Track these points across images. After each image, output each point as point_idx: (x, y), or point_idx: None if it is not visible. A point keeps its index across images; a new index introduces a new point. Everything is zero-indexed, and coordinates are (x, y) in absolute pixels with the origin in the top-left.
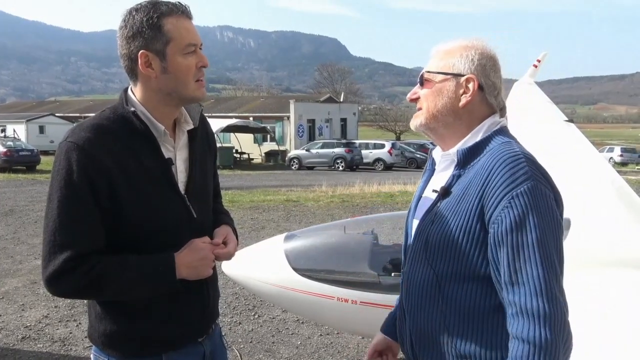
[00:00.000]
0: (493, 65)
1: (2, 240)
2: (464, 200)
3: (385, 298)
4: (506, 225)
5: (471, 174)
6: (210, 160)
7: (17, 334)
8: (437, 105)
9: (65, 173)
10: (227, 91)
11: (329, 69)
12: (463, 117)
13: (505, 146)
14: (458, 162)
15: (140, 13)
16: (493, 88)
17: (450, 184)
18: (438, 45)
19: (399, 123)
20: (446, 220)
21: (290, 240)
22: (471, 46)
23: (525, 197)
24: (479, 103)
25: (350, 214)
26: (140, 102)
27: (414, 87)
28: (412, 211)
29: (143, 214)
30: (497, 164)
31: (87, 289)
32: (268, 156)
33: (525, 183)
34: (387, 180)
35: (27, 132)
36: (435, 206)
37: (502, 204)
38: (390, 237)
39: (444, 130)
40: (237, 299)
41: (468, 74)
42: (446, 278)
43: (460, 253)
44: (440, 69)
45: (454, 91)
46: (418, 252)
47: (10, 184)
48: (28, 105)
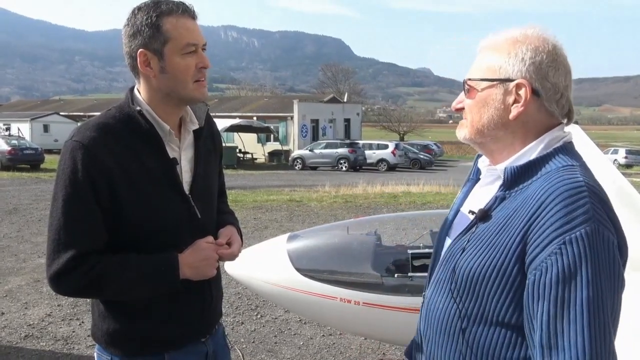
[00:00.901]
0: (552, 62)
1: (6, 238)
2: (504, 232)
3: (388, 299)
4: (552, 276)
5: (518, 201)
6: (216, 160)
7: (20, 332)
8: (483, 118)
9: (69, 172)
10: (231, 91)
11: (333, 69)
12: (516, 130)
13: (566, 172)
14: (504, 182)
15: (142, 12)
16: (553, 91)
17: (491, 207)
18: (484, 40)
19: (403, 123)
20: (479, 252)
21: (293, 240)
22: (522, 40)
23: (581, 243)
24: (535, 112)
25: (354, 215)
26: (145, 101)
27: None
28: (447, 227)
29: (143, 214)
30: (551, 195)
31: (87, 288)
32: (271, 156)
33: (584, 226)
34: (391, 180)
35: (32, 130)
36: (469, 231)
37: (551, 248)
38: (394, 238)
39: (493, 145)
40: (240, 299)
41: (518, 78)
42: (470, 317)
43: (489, 294)
44: (483, 73)
45: (502, 100)
46: (443, 281)
47: (14, 182)
48: (32, 104)
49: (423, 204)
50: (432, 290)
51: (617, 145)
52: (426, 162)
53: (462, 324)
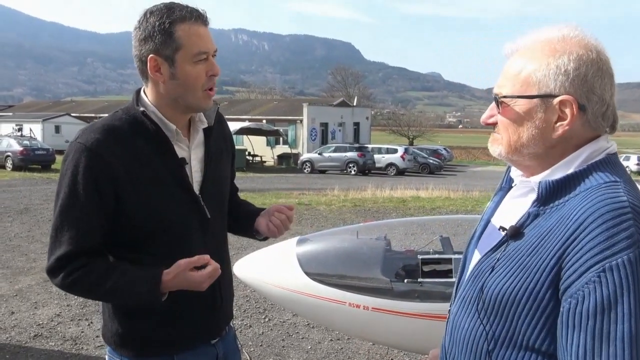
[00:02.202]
0: (598, 71)
1: (16, 238)
2: (537, 253)
3: (397, 304)
4: (589, 306)
5: (553, 219)
6: (227, 159)
7: (30, 331)
8: (522, 138)
9: (71, 173)
10: (241, 94)
11: (343, 72)
12: (557, 146)
13: (608, 190)
14: (538, 197)
15: (154, 16)
16: (600, 104)
17: (524, 224)
18: (514, 43)
19: (412, 128)
20: (510, 273)
21: (302, 244)
22: (562, 49)
23: (622, 271)
24: (580, 127)
25: (362, 219)
26: (152, 103)
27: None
28: (476, 238)
29: (146, 215)
30: (591, 216)
31: (73, 288)
32: (280, 159)
33: (627, 252)
34: (400, 185)
35: (43, 131)
36: (499, 248)
37: (589, 275)
38: (403, 242)
39: (530, 162)
40: (248, 302)
41: (562, 93)
42: (497, 340)
43: (518, 317)
44: (519, 87)
45: (544, 119)
46: (470, 298)
47: (25, 182)
48: (44, 104)
49: (432, 209)
50: (458, 307)
51: (629, 152)
52: (435, 167)
53: (488, 346)
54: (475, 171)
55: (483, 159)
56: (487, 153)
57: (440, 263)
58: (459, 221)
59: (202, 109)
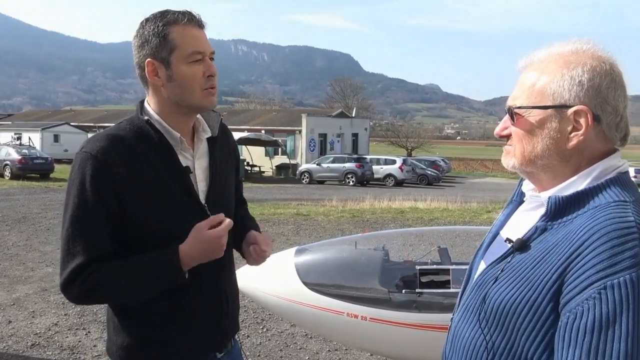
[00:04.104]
0: (611, 82)
1: (14, 247)
2: (540, 267)
3: (395, 315)
4: (587, 322)
5: (560, 235)
6: (232, 169)
7: (27, 340)
8: (536, 148)
9: (78, 183)
10: (240, 104)
11: (342, 84)
12: (571, 158)
13: (617, 209)
14: (547, 212)
15: (150, 22)
16: (614, 115)
17: (530, 237)
18: (528, 57)
19: (410, 139)
20: (512, 284)
21: (301, 254)
22: (575, 61)
23: (623, 290)
24: (594, 138)
25: (361, 229)
26: (155, 111)
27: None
28: (483, 249)
29: (152, 223)
30: (596, 234)
31: (89, 295)
32: (279, 169)
33: (629, 271)
34: (398, 196)
35: (42, 140)
36: (504, 260)
37: (589, 291)
38: (401, 253)
39: (543, 174)
40: (246, 312)
41: (576, 104)
42: (497, 351)
43: (519, 329)
44: (534, 98)
45: (558, 129)
46: (472, 308)
47: (23, 191)
48: (44, 113)
49: (430, 220)
50: (460, 316)
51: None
52: (434, 178)
53: (488, 355)
54: (473, 182)
55: (481, 171)
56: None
57: (438, 274)
58: (457, 232)
59: (205, 107)
